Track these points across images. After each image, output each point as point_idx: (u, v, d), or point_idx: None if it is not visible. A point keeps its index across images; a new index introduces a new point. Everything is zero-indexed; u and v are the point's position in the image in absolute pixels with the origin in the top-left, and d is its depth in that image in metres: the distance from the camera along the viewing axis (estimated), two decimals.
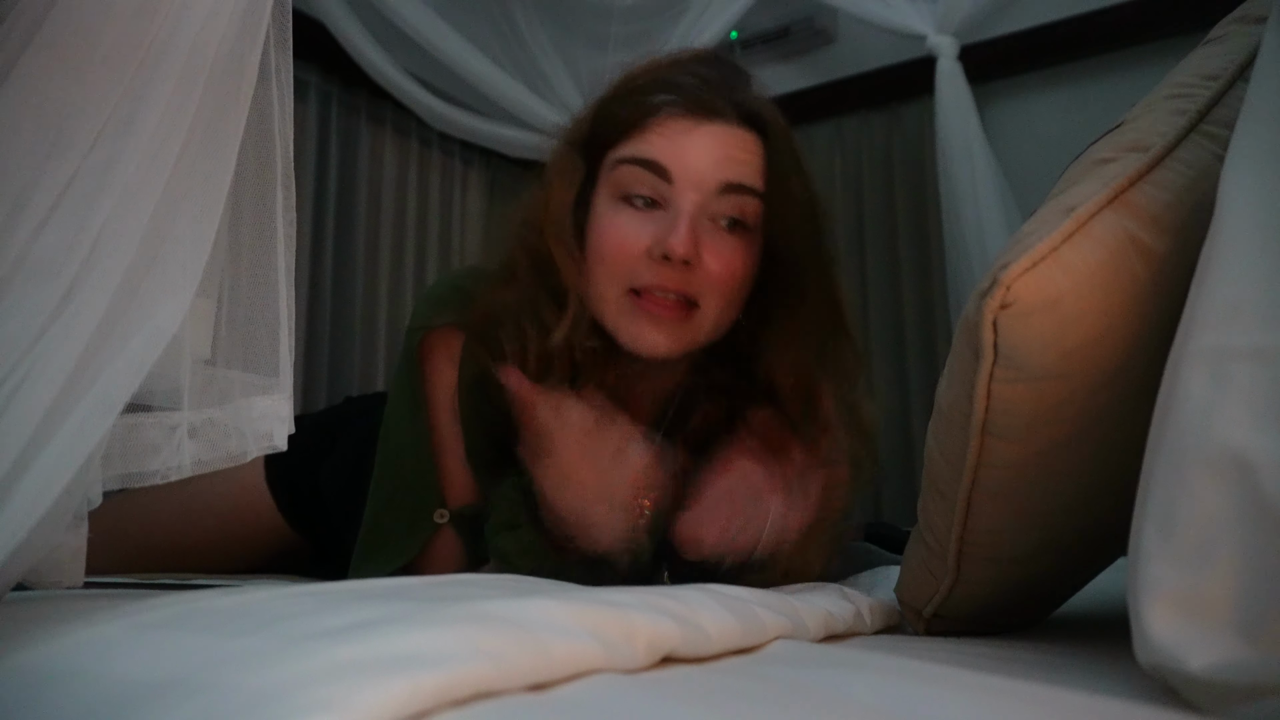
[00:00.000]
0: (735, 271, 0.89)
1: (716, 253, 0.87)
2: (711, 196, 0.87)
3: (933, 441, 0.66)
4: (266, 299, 0.56)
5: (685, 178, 0.87)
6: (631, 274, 0.87)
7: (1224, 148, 0.55)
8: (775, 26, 2.46)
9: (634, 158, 0.88)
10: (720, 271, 0.88)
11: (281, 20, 0.57)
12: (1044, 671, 0.53)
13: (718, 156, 0.87)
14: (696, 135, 0.87)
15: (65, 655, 0.34)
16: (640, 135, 0.89)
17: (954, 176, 2.08)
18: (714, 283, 0.88)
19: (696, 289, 0.87)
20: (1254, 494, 0.39)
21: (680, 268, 0.86)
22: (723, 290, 0.88)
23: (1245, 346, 0.43)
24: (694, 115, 0.88)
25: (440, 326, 0.96)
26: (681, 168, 0.87)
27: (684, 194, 0.87)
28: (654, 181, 0.88)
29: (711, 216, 0.88)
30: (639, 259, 0.87)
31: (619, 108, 0.92)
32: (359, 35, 2.11)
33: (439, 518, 0.94)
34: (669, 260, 0.85)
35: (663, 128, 0.88)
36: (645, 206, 0.88)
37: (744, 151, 0.89)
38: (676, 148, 0.87)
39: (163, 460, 0.52)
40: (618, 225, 0.88)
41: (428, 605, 0.38)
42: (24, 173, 0.50)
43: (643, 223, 0.88)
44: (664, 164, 0.87)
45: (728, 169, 0.87)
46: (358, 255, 2.22)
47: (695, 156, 0.87)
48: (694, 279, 0.87)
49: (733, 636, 0.49)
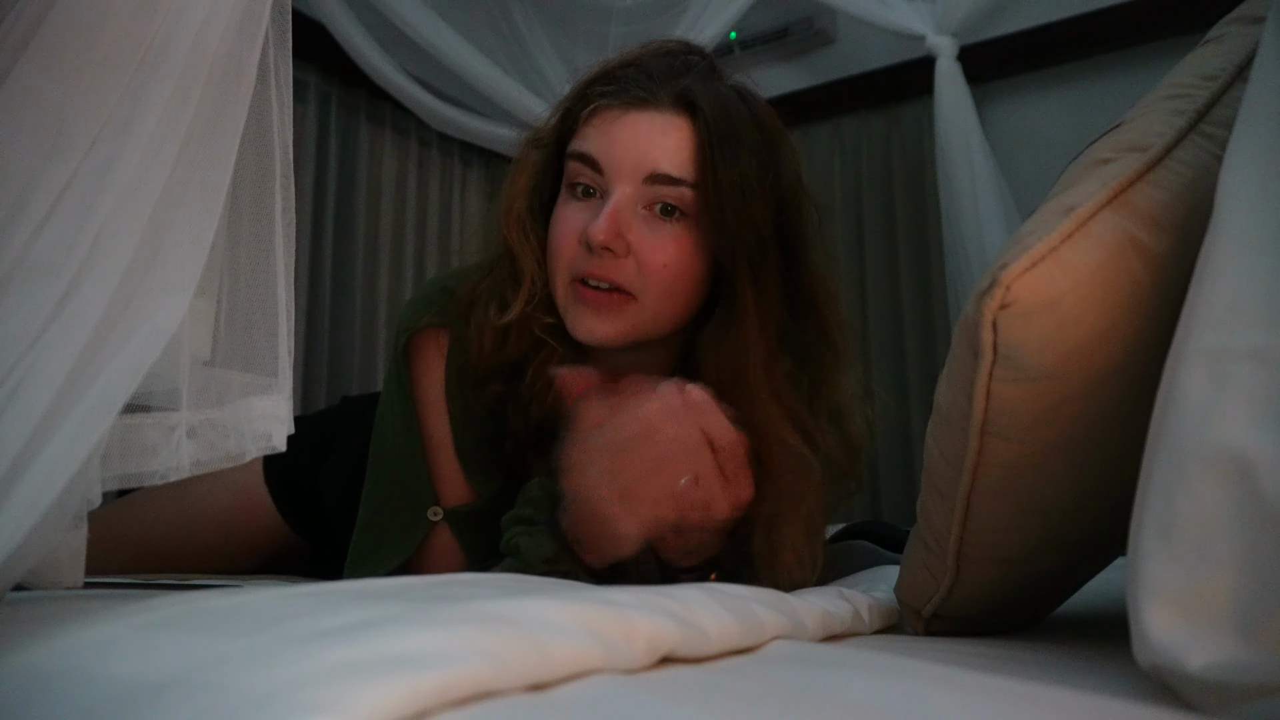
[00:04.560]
0: (668, 262, 0.88)
1: (649, 242, 0.87)
2: (639, 186, 0.87)
3: (932, 441, 0.66)
4: (265, 299, 0.56)
5: (613, 168, 0.88)
6: (572, 263, 0.89)
7: (1223, 148, 0.55)
8: (774, 27, 2.47)
9: (573, 151, 0.91)
10: (651, 261, 0.87)
11: (280, 21, 0.57)
12: (1044, 671, 0.53)
13: (642, 145, 0.87)
14: (623, 125, 0.88)
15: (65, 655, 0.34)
16: (582, 129, 0.91)
17: (953, 177, 2.08)
18: (648, 272, 0.87)
19: (627, 278, 0.87)
20: (1253, 494, 0.39)
21: (606, 256, 0.86)
22: (659, 281, 0.88)
23: (1244, 347, 0.43)
24: (623, 105, 0.89)
25: (426, 327, 0.97)
26: (609, 158, 0.88)
27: (613, 184, 0.88)
28: (591, 174, 0.89)
29: (647, 205, 0.88)
30: (575, 248, 0.88)
31: (570, 103, 0.94)
32: (358, 36, 2.11)
33: (433, 516, 0.95)
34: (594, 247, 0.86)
35: (597, 120, 0.89)
36: (587, 198, 0.90)
37: (670, 139, 0.88)
38: (606, 139, 0.88)
39: (161, 461, 0.52)
40: (562, 217, 0.91)
41: (427, 605, 0.38)
42: (23, 173, 0.50)
43: (582, 213, 0.89)
44: (594, 156, 0.88)
45: (652, 158, 0.87)
46: (357, 255, 2.22)
47: (621, 146, 0.88)
48: (624, 268, 0.87)
49: (732, 636, 0.49)
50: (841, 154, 2.38)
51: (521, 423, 0.94)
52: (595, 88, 0.91)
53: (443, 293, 0.99)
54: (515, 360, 0.93)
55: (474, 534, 0.94)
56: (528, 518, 0.84)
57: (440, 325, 0.96)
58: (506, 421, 0.95)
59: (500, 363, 0.93)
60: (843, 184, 2.35)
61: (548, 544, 0.80)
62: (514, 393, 0.94)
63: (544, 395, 0.92)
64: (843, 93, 2.39)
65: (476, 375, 0.94)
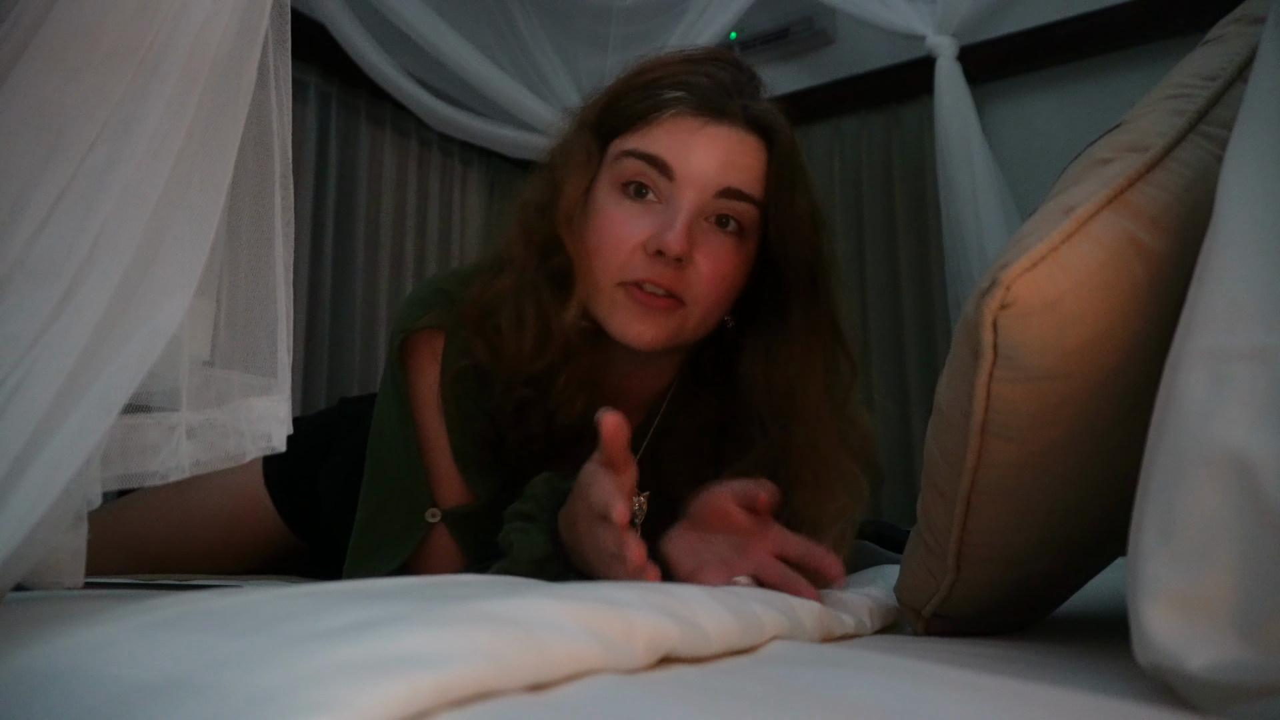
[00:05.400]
0: (725, 274, 0.90)
1: (709, 253, 0.89)
2: (710, 198, 0.88)
3: (932, 441, 0.66)
4: (265, 299, 0.56)
5: (687, 177, 0.87)
6: (625, 266, 0.88)
7: (1223, 148, 0.55)
8: (775, 27, 2.47)
9: (640, 151, 0.89)
10: (710, 272, 0.89)
11: (280, 21, 0.57)
12: (1044, 671, 0.53)
13: (721, 160, 0.88)
14: (702, 136, 0.88)
15: (65, 655, 0.34)
16: (647, 129, 0.89)
17: (953, 177, 2.08)
18: (703, 282, 0.89)
19: (685, 287, 0.88)
20: (1253, 494, 0.39)
21: (673, 264, 0.87)
22: (711, 291, 0.89)
23: (1245, 347, 0.43)
24: (702, 116, 0.88)
25: (422, 329, 0.96)
26: (685, 166, 0.87)
27: (684, 192, 0.87)
28: (656, 177, 0.88)
29: (708, 217, 0.89)
30: (634, 252, 0.88)
31: (630, 99, 0.92)
32: (358, 36, 2.11)
33: (430, 517, 0.95)
34: (663, 256, 0.86)
35: (670, 125, 0.89)
36: (644, 200, 0.89)
37: (747, 157, 0.89)
38: (682, 146, 0.88)
39: (161, 461, 0.52)
40: (617, 217, 0.89)
41: (427, 605, 0.38)
42: (23, 173, 0.50)
43: (640, 216, 0.88)
44: (668, 161, 0.88)
45: (729, 173, 0.88)
46: (358, 256, 2.22)
47: (699, 157, 0.88)
48: (684, 277, 0.88)
49: (731, 636, 0.49)
50: (841, 154, 2.38)
51: (543, 428, 0.94)
52: (665, 91, 0.89)
53: (439, 294, 0.98)
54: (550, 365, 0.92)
55: (473, 535, 0.94)
56: (529, 513, 0.84)
57: (436, 327, 0.96)
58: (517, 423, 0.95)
59: (537, 367, 0.92)
60: (843, 184, 2.35)
61: (541, 543, 0.80)
62: (541, 397, 0.93)
63: (574, 403, 0.93)
64: (843, 93, 2.38)
65: (506, 378, 0.93)
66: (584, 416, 0.91)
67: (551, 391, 0.93)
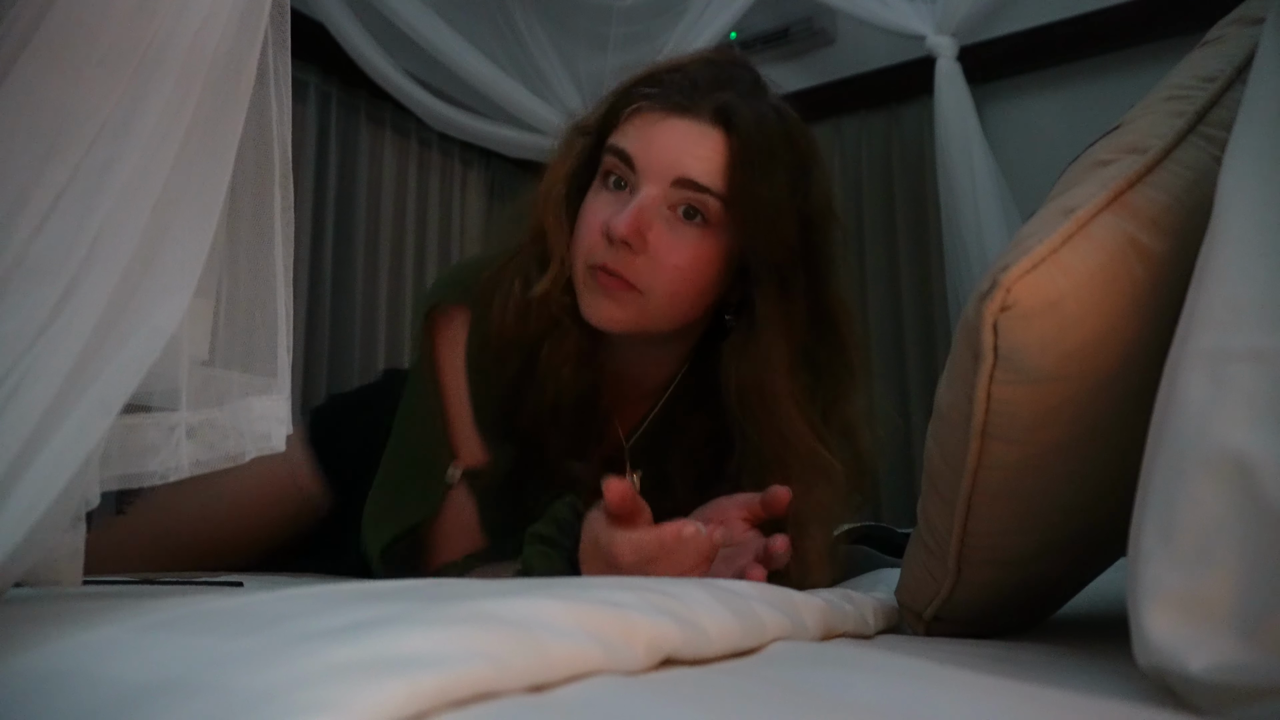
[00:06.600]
0: (683, 264, 0.92)
1: (667, 243, 0.92)
2: (667, 188, 0.91)
3: (932, 443, 0.66)
4: (265, 299, 0.56)
5: (646, 168, 0.92)
6: (592, 250, 0.93)
7: (1222, 149, 0.55)
8: (774, 27, 2.47)
9: (612, 146, 0.95)
10: (665, 259, 0.91)
11: (280, 21, 0.57)
12: (1044, 671, 0.53)
13: (677, 151, 0.91)
14: (661, 129, 0.92)
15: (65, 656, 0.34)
16: (623, 126, 0.95)
17: (953, 177, 2.08)
18: (659, 271, 0.91)
19: (636, 273, 0.91)
20: (1254, 495, 0.39)
21: (623, 249, 0.90)
22: (669, 280, 0.92)
23: (1245, 348, 0.43)
24: (664, 110, 0.92)
25: (449, 303, 1.03)
26: (644, 159, 0.92)
27: (643, 182, 0.92)
28: (625, 170, 0.93)
29: (672, 207, 0.92)
30: (600, 238, 0.92)
31: (615, 99, 0.98)
32: (358, 36, 2.11)
33: (450, 478, 0.99)
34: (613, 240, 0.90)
35: (638, 120, 0.94)
36: (618, 190, 0.94)
37: (706, 149, 0.91)
38: (644, 139, 0.92)
39: (161, 461, 0.52)
40: (593, 206, 0.95)
41: (427, 605, 0.38)
42: (22, 173, 0.50)
43: (611, 205, 0.93)
44: (630, 154, 0.93)
45: (686, 164, 0.91)
46: (357, 256, 2.22)
47: (657, 149, 0.92)
48: (638, 264, 0.91)
49: (732, 637, 0.49)
50: (841, 154, 2.38)
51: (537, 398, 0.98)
52: (640, 88, 0.95)
53: (465, 271, 1.06)
54: (535, 336, 0.98)
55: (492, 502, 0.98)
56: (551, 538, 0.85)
57: (462, 302, 1.02)
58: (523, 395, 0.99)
59: (520, 337, 0.97)
60: (843, 184, 2.35)
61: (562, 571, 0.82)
62: (531, 369, 0.98)
63: (559, 374, 0.97)
64: (843, 93, 2.38)
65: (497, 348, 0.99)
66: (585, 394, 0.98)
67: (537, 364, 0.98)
